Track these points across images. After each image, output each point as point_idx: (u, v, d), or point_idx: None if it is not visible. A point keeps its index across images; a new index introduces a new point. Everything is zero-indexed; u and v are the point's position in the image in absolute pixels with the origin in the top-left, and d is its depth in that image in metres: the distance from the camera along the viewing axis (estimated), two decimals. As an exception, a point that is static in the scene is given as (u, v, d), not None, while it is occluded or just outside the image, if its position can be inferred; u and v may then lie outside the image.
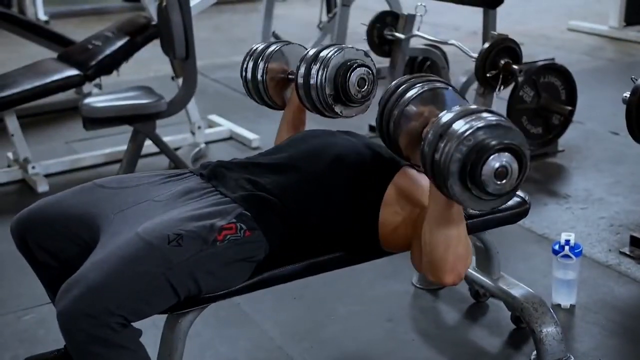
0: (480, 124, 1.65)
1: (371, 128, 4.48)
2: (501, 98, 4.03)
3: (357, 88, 2.15)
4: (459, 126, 1.66)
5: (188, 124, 4.36)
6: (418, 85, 1.89)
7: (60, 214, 1.97)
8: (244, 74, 2.39)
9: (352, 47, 2.19)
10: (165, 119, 3.80)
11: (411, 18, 4.27)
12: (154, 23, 4.10)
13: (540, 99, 3.96)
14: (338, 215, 1.98)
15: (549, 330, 2.32)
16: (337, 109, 2.18)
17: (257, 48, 2.39)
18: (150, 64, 5.88)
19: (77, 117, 3.84)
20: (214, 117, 4.74)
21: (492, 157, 1.64)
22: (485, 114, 1.70)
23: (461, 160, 1.64)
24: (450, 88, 1.91)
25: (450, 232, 1.80)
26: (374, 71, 2.19)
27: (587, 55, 6.33)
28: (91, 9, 8.51)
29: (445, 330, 2.66)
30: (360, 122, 4.44)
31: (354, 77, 2.14)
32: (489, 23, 4.26)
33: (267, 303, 2.74)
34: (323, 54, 2.16)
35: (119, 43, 4.17)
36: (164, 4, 3.58)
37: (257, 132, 4.47)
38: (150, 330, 1.97)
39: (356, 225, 2.00)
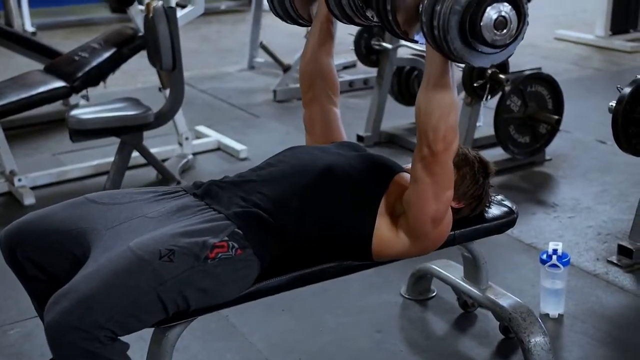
0: None
1: (359, 138, 4.48)
2: (488, 107, 4.04)
3: None
4: None
5: (175, 135, 4.35)
6: None
7: (50, 227, 1.96)
8: None
9: None
10: (152, 130, 3.78)
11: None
12: (140, 34, 4.10)
13: (528, 108, 3.97)
14: (332, 230, 1.99)
15: (537, 340, 2.32)
16: (369, 13, 2.02)
17: None
18: (138, 75, 5.87)
19: (64, 129, 3.83)
20: (201, 128, 4.73)
21: (490, 6, 1.65)
22: None
23: (460, 12, 1.66)
24: None
25: (444, 100, 1.85)
26: None
27: (574, 64, 6.36)
28: (78, 21, 8.49)
29: (434, 341, 2.65)
30: (349, 132, 4.44)
31: None
32: (475, 33, 4.27)
33: (255, 315, 2.73)
34: None
35: (106, 54, 4.16)
36: (151, 15, 3.58)
37: (245, 143, 4.45)
38: (137, 343, 1.96)
39: (350, 238, 2.00)
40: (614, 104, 2.91)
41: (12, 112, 3.91)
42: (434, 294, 2.86)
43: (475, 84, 3.77)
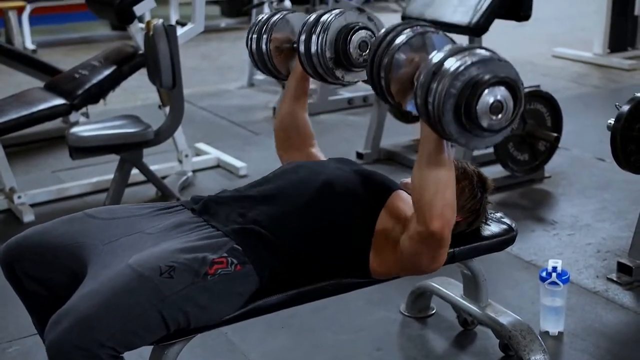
0: (473, 59, 1.64)
1: (359, 155, 4.49)
2: (487, 125, 4.04)
3: (359, 51, 2.09)
4: (452, 63, 1.64)
5: (175, 152, 4.35)
6: (407, 30, 1.85)
7: (49, 243, 1.96)
8: (249, 44, 2.34)
9: (354, 10, 2.13)
10: (152, 147, 3.79)
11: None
12: (140, 52, 4.11)
13: (526, 125, 3.98)
14: (329, 245, 1.99)
15: (537, 358, 2.32)
16: (339, 73, 2.12)
17: (261, 19, 2.33)
18: (138, 93, 5.88)
19: (64, 146, 3.83)
20: (201, 145, 4.74)
21: (486, 91, 1.62)
22: (477, 50, 1.68)
23: (456, 96, 1.63)
24: (440, 32, 1.87)
25: (439, 176, 1.80)
26: (377, 34, 2.09)
27: (573, 82, 6.38)
28: (78, 38, 8.52)
29: (434, 359, 2.64)
30: (348, 149, 4.45)
31: (355, 40, 2.07)
32: (474, 51, 4.29)
33: (254, 332, 2.72)
34: (324, 18, 2.11)
35: (106, 72, 4.17)
36: (151, 33, 3.59)
37: (245, 160, 4.46)
38: (136, 361, 1.95)
39: (348, 254, 2.00)
40: (613, 122, 2.92)
41: (12, 130, 3.91)
42: (433, 312, 2.86)
43: (474, 102, 3.77)
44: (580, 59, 6.99)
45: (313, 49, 2.10)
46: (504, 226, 2.37)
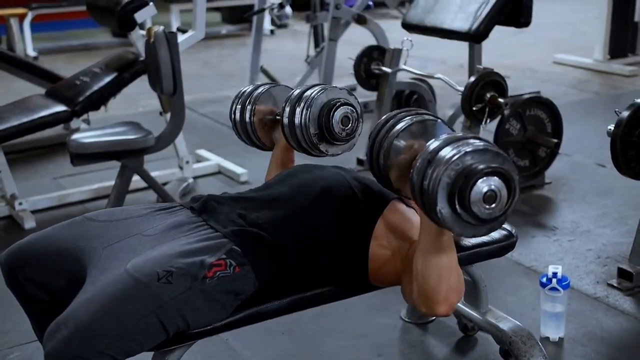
0: (467, 149, 1.66)
1: (359, 161, 4.50)
2: (488, 131, 4.05)
3: (341, 126, 2.15)
4: (447, 152, 1.67)
5: (176, 158, 4.36)
6: (407, 118, 1.90)
7: (49, 247, 1.97)
8: (232, 116, 2.42)
9: (335, 87, 2.20)
10: (153, 154, 3.80)
11: (398, 52, 4.31)
12: (141, 59, 4.12)
13: (527, 131, 3.98)
14: (328, 250, 1.99)
15: (538, 364, 2.31)
16: (323, 147, 2.19)
17: (245, 91, 2.42)
18: (138, 100, 5.89)
19: (65, 153, 3.84)
20: (202, 152, 4.75)
21: (480, 180, 1.64)
22: (472, 140, 1.70)
23: (450, 185, 1.64)
24: (439, 120, 1.92)
25: (442, 262, 1.80)
26: (358, 109, 2.19)
27: (573, 88, 6.38)
28: (79, 45, 8.54)
29: (435, 365, 2.65)
30: (348, 155, 4.45)
31: (337, 115, 2.14)
32: (474, 57, 4.31)
33: (255, 338, 2.72)
34: (307, 94, 2.17)
35: (107, 79, 4.18)
36: (152, 40, 3.60)
37: (246, 166, 4.47)
38: (137, 367, 1.95)
39: (346, 259, 2.00)
40: (613, 128, 2.92)
41: (13, 136, 3.92)
42: (434, 318, 2.86)
43: (474, 108, 3.78)
44: (581, 65, 7.00)
45: (297, 121, 2.16)
46: (504, 232, 2.37)
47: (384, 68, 4.45)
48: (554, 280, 2.65)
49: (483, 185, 1.64)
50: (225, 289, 1.85)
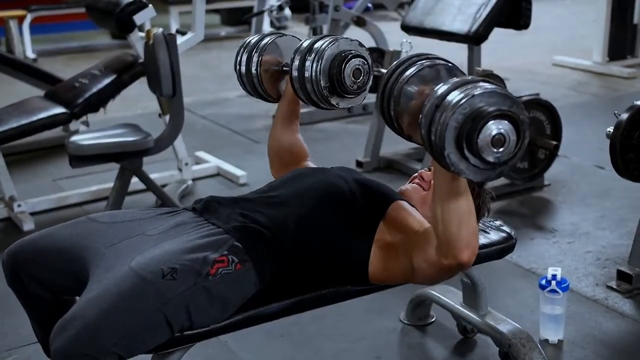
0: (476, 92, 1.63)
1: (358, 164, 4.50)
2: (487, 133, 4.05)
3: (353, 79, 2.08)
4: (455, 95, 1.63)
5: (175, 160, 4.36)
6: (418, 63, 1.84)
7: (52, 246, 1.97)
8: (237, 67, 2.33)
9: (347, 38, 2.13)
10: (152, 156, 3.79)
11: (397, 54, 4.31)
12: (141, 61, 4.12)
13: (526, 133, 3.98)
14: (328, 250, 1.99)
15: (537, 366, 2.31)
16: (333, 100, 2.11)
17: (250, 40, 2.32)
18: (138, 102, 5.89)
19: (64, 155, 3.83)
20: (201, 154, 4.75)
21: (488, 124, 1.61)
22: (481, 83, 1.67)
23: (457, 129, 1.62)
24: (450, 64, 1.86)
25: (461, 205, 1.77)
26: (369, 61, 2.12)
27: (572, 90, 6.39)
28: (79, 47, 8.54)
29: (434, 367, 2.65)
30: (348, 157, 4.46)
31: (348, 68, 2.07)
32: (473, 59, 4.31)
33: (254, 341, 2.72)
34: (317, 45, 2.10)
35: (106, 81, 4.18)
36: (151, 42, 3.60)
37: (245, 168, 4.47)
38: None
39: (347, 262, 2.00)
40: (612, 130, 2.92)
41: (12, 138, 3.92)
42: (433, 320, 2.86)
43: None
44: (580, 67, 7.00)
45: (307, 74, 2.10)
46: (504, 234, 2.37)
47: (383, 70, 4.44)
48: (553, 282, 2.65)
49: (491, 129, 1.61)
50: (228, 286, 1.85)
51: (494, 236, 2.34)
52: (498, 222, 2.42)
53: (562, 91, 6.26)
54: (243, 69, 2.32)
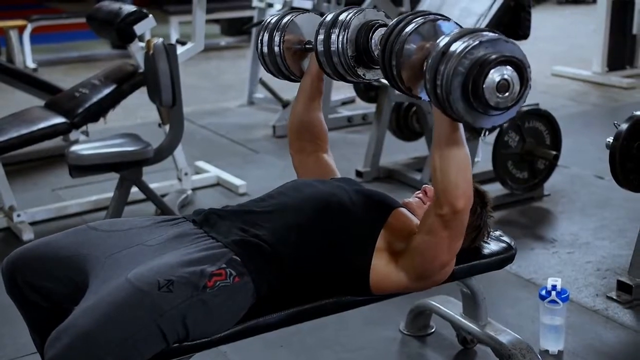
0: (481, 39, 1.68)
1: (358, 173, 4.50)
2: (487, 143, 4.06)
3: (380, 48, 2.03)
4: (460, 43, 1.69)
5: (175, 170, 4.36)
6: (418, 18, 1.86)
7: (51, 254, 1.97)
8: (259, 47, 2.30)
9: (372, 9, 2.12)
10: (152, 165, 3.80)
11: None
12: (141, 71, 4.13)
13: (525, 143, 3.99)
14: (328, 261, 1.99)
15: (537, 377, 2.31)
16: (360, 71, 2.09)
17: (271, 20, 2.30)
18: (137, 111, 5.90)
19: (64, 165, 3.83)
20: (201, 164, 4.75)
21: (493, 69, 1.67)
22: (484, 32, 1.72)
23: (464, 75, 1.67)
24: (451, 20, 1.89)
25: (459, 155, 1.85)
26: None
27: (572, 100, 6.39)
28: (79, 57, 8.55)
29: (434, 378, 2.64)
30: (348, 167, 4.46)
31: (375, 37, 2.06)
32: (473, 69, 4.31)
33: (254, 351, 2.71)
34: (342, 17, 2.08)
35: (106, 91, 4.18)
36: (151, 52, 3.61)
37: (244, 178, 4.47)
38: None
39: (347, 272, 2.00)
40: (612, 140, 2.93)
41: (12, 148, 3.92)
42: (433, 330, 2.85)
43: (473, 120, 3.78)
44: (579, 78, 7.02)
45: (333, 47, 2.07)
46: (503, 244, 2.37)
47: (382, 80, 4.45)
48: (553, 292, 2.65)
49: (496, 74, 1.67)
50: (226, 299, 1.85)
51: (493, 246, 2.34)
52: (498, 232, 2.42)
53: (561, 101, 6.27)
54: (265, 49, 2.28)
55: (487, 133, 3.83)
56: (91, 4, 7.72)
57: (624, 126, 2.92)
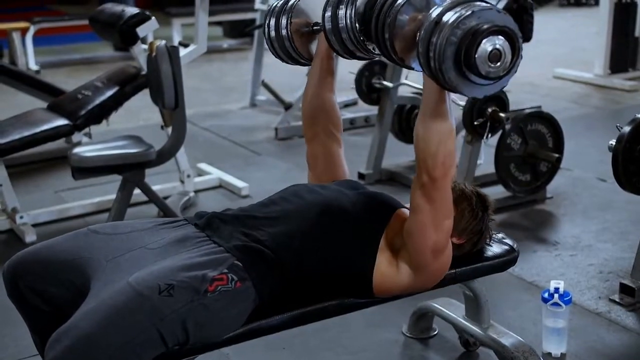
0: (473, 9, 1.70)
1: (360, 176, 4.50)
2: (489, 145, 4.06)
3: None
4: (452, 13, 1.71)
5: (177, 172, 4.36)
6: None
7: (53, 257, 1.97)
8: (267, 31, 2.29)
9: None
10: (154, 167, 3.80)
11: (399, 67, 4.32)
12: (143, 73, 4.13)
13: (528, 146, 3.99)
14: (331, 267, 1.99)
15: (540, 380, 2.31)
16: (369, 46, 2.07)
17: (277, 4, 2.29)
18: (140, 113, 5.90)
19: (66, 167, 3.84)
20: (203, 166, 4.75)
21: (485, 39, 1.69)
22: (477, 2, 1.74)
23: (456, 44, 1.69)
24: None
25: (442, 127, 1.89)
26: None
27: (574, 102, 6.39)
28: (81, 59, 8.57)
29: (436, 380, 2.64)
30: (350, 169, 4.45)
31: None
32: (475, 72, 4.31)
33: (256, 353, 2.71)
34: None
35: (109, 93, 4.19)
36: (154, 54, 3.61)
37: (247, 180, 4.47)
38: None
39: (350, 275, 2.01)
40: (614, 143, 2.92)
41: (15, 150, 3.92)
42: (435, 333, 2.85)
43: (475, 123, 3.79)
44: (581, 80, 7.02)
45: (341, 23, 2.06)
46: (506, 247, 2.37)
47: (385, 82, 4.46)
48: (556, 295, 2.65)
49: (488, 44, 1.70)
50: (227, 304, 1.85)
51: (496, 249, 2.34)
52: (500, 235, 2.42)
53: (563, 104, 6.27)
54: (273, 33, 2.28)
55: (489, 135, 3.84)
56: (94, 6, 7.75)
57: (627, 129, 2.91)
